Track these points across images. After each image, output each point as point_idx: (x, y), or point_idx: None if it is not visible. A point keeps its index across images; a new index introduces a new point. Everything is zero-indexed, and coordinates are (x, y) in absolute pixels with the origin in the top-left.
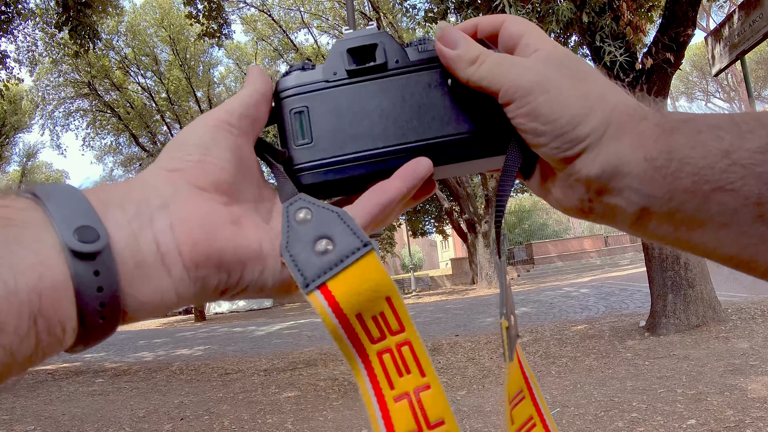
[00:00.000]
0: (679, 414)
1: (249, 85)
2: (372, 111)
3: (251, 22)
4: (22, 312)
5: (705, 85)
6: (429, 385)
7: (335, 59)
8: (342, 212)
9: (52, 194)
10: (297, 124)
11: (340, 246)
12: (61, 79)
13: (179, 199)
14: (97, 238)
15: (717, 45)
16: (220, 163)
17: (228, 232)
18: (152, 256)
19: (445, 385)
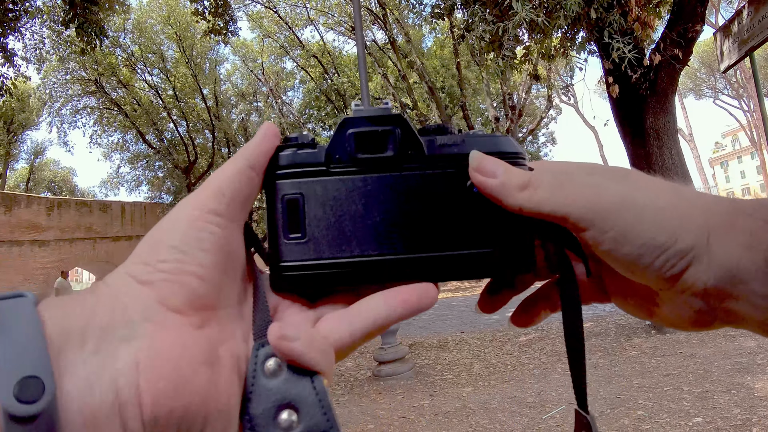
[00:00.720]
0: (685, 412)
1: (244, 159)
2: (376, 211)
3: (257, 19)
4: None
5: (713, 82)
6: None
7: (339, 142)
8: (316, 377)
9: (6, 326)
10: (289, 214)
11: (305, 424)
12: (68, 77)
13: (149, 328)
14: (41, 394)
15: (726, 41)
16: (199, 271)
17: (200, 380)
18: (107, 407)
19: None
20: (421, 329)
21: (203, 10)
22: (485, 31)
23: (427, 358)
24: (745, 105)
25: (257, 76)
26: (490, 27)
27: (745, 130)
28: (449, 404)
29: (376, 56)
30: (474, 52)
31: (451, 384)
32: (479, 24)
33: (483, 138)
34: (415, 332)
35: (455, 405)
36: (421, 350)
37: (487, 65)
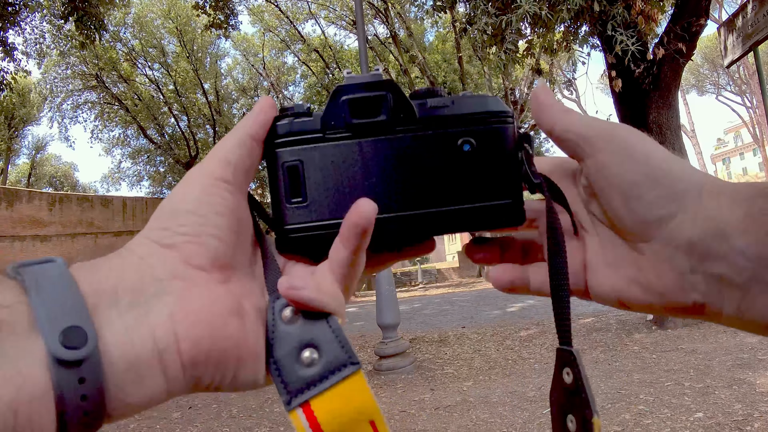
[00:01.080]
0: (686, 407)
1: (245, 130)
2: (372, 172)
3: (258, 13)
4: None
5: (716, 78)
6: None
7: (334, 109)
8: (330, 318)
9: (41, 284)
10: (290, 180)
11: (326, 358)
12: (69, 72)
13: (177, 284)
14: (85, 341)
15: (730, 35)
16: (218, 233)
17: (231, 328)
18: (147, 354)
19: (451, 376)
20: (422, 324)
21: (204, 3)
22: (487, 24)
23: (427, 353)
24: (748, 101)
25: (258, 71)
26: (492, 20)
27: (747, 127)
28: (450, 398)
29: (378, 51)
30: (476, 46)
31: (451, 378)
32: (482, 17)
33: (472, 99)
34: (416, 327)
35: (456, 399)
36: (422, 345)
37: (489, 59)
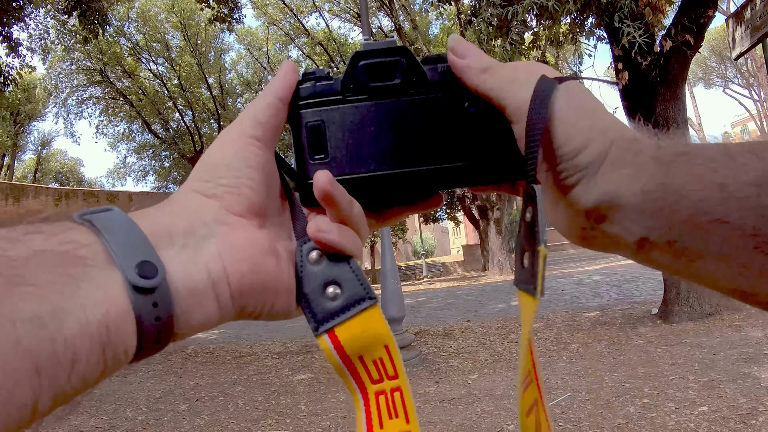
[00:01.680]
0: (691, 401)
1: (273, 92)
2: (387, 131)
3: (262, 6)
4: (93, 344)
5: (723, 71)
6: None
7: (352, 73)
8: (351, 260)
9: (110, 226)
10: (313, 138)
11: (347, 294)
12: (74, 67)
13: (222, 228)
14: (156, 272)
15: (738, 27)
16: (252, 185)
17: (269, 265)
18: (203, 283)
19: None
20: (427, 317)
21: None
22: (493, 16)
23: (432, 346)
24: (756, 94)
25: (263, 65)
26: (498, 11)
27: (755, 120)
28: (455, 391)
29: None
30: (481, 38)
31: (456, 371)
32: (487, 8)
33: None
34: (420, 320)
35: (461, 392)
36: (427, 338)
37: (494, 51)
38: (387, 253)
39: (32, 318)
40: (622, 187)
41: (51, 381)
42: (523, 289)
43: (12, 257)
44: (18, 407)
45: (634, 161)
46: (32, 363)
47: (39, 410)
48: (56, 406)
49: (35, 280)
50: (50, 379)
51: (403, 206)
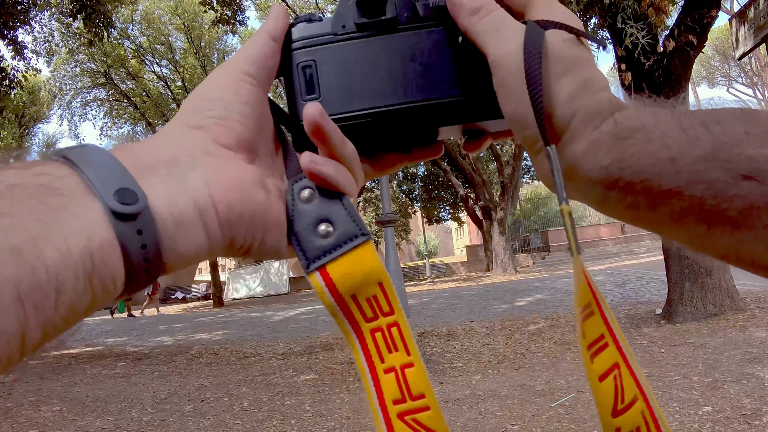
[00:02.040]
0: (695, 401)
1: (265, 31)
2: (380, 67)
3: (265, 8)
4: (78, 272)
5: (727, 70)
6: (413, 363)
7: (344, 11)
8: (344, 197)
9: (86, 159)
10: (304, 78)
11: (339, 231)
12: (78, 69)
13: (208, 158)
14: (136, 199)
15: (741, 27)
16: (242, 119)
17: (258, 197)
18: (190, 211)
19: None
20: (430, 318)
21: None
22: None
23: (436, 347)
24: (760, 93)
25: None
26: None
27: None
28: (459, 392)
29: None
30: None
31: (460, 372)
32: None
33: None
34: (424, 321)
35: (465, 392)
36: (431, 339)
37: None
38: (391, 254)
39: (9, 247)
40: (579, 159)
41: (37, 310)
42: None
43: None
44: (4, 336)
45: (591, 136)
46: (14, 291)
47: (29, 341)
48: (47, 337)
49: (11, 212)
50: (36, 308)
51: (401, 153)
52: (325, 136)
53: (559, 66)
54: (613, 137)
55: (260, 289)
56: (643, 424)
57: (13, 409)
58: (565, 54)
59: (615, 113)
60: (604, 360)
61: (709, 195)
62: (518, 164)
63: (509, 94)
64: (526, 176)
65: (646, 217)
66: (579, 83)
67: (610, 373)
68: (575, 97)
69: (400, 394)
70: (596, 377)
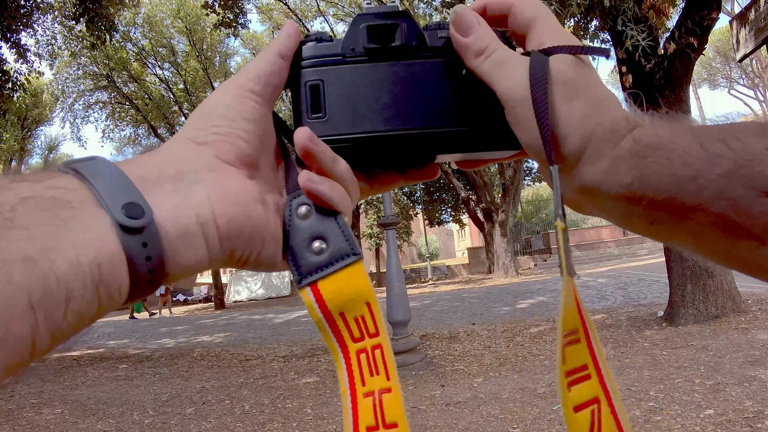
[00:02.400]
0: (696, 404)
1: (275, 49)
2: (385, 93)
3: (267, 11)
4: (86, 282)
5: (728, 72)
6: (391, 389)
7: (354, 35)
8: (339, 216)
9: (95, 172)
10: (311, 97)
11: (332, 249)
12: (80, 72)
13: (211, 174)
14: (143, 213)
15: (742, 29)
16: (246, 136)
17: (258, 212)
18: (193, 226)
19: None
20: (432, 320)
21: (213, 2)
22: None
23: (438, 349)
24: (761, 95)
25: None
26: None
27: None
28: (460, 394)
29: None
30: None
31: (462, 374)
32: None
33: None
34: (426, 323)
35: (466, 395)
36: (433, 341)
37: None
38: (392, 256)
39: (23, 258)
40: (600, 178)
41: (47, 317)
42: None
43: (0, 202)
44: (17, 342)
45: (611, 154)
46: (26, 299)
47: (38, 346)
48: (55, 343)
49: (24, 223)
50: (46, 315)
51: (397, 173)
52: (314, 158)
53: (567, 88)
54: (633, 155)
55: (261, 292)
56: None
57: (15, 411)
58: (572, 76)
59: (633, 130)
60: (583, 392)
61: (732, 212)
62: (519, 166)
63: (521, 124)
64: (528, 178)
65: (669, 233)
66: (591, 103)
67: (588, 406)
68: (589, 117)
69: (374, 420)
70: (571, 407)
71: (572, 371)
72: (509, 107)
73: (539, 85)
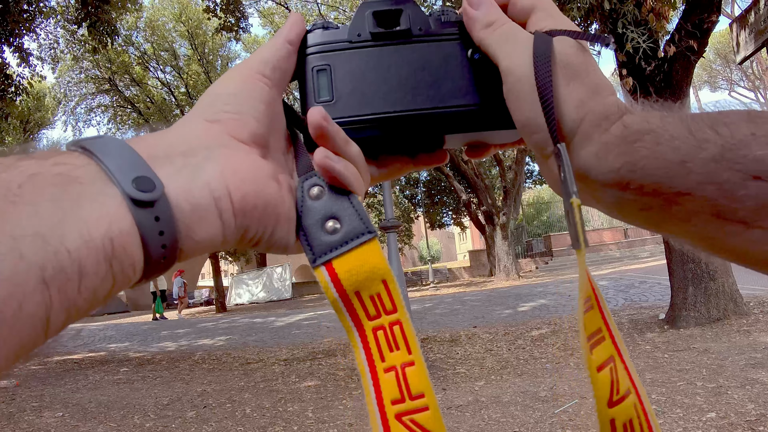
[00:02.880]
0: (698, 407)
1: (282, 35)
2: (392, 75)
3: (268, 15)
4: (99, 257)
5: (729, 74)
6: (413, 362)
7: (360, 21)
8: (352, 195)
9: (103, 148)
10: (318, 81)
11: (346, 228)
12: (83, 76)
13: (224, 151)
14: (153, 187)
15: (742, 31)
16: (256, 115)
17: (271, 189)
18: (206, 199)
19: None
20: (433, 324)
21: (215, 7)
22: None
23: (439, 353)
24: (762, 97)
25: None
26: None
27: None
28: (462, 398)
29: None
30: None
31: (463, 378)
32: None
33: None
34: (427, 327)
35: (468, 399)
36: (434, 344)
37: None
38: (393, 259)
39: (33, 233)
40: (590, 163)
41: (61, 293)
42: (574, 246)
43: (6, 179)
44: (31, 319)
45: (601, 139)
46: (39, 275)
47: (53, 324)
48: (70, 320)
49: (32, 199)
50: (60, 292)
51: (407, 159)
52: (328, 138)
53: (567, 71)
54: (622, 140)
55: (263, 295)
56: (635, 416)
57: (16, 414)
58: (573, 60)
59: (623, 116)
60: (602, 352)
61: (719, 195)
62: (520, 169)
63: (520, 100)
64: (528, 181)
65: (659, 219)
66: (589, 88)
67: (607, 365)
68: (584, 102)
69: (399, 394)
70: (595, 367)
71: (591, 335)
72: (509, 82)
73: (543, 63)
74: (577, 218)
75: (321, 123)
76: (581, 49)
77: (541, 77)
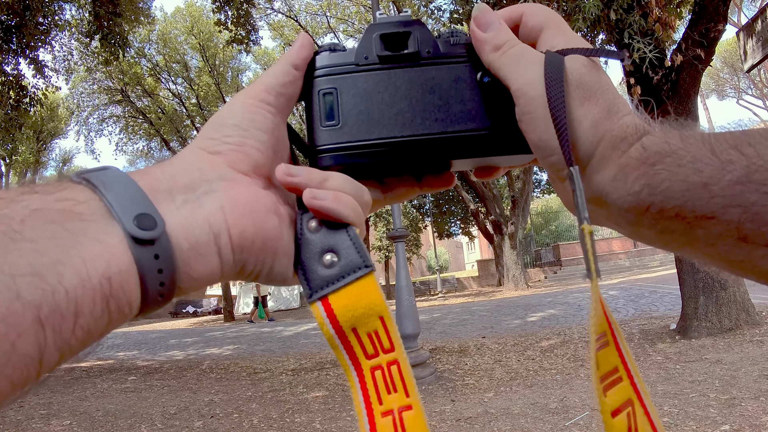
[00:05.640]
0: (712, 419)
1: (287, 60)
2: (399, 99)
3: (278, 28)
4: (96, 297)
5: (736, 82)
6: (411, 406)
7: (367, 43)
8: (350, 228)
9: (107, 183)
10: (325, 105)
11: (344, 262)
12: (96, 87)
13: (224, 184)
14: (155, 224)
15: (749, 40)
16: (258, 145)
17: (271, 223)
18: (205, 236)
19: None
20: (441, 334)
21: (226, 20)
22: None
23: (448, 363)
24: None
25: None
26: None
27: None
28: (471, 410)
29: None
30: None
31: (472, 389)
32: None
33: None
34: (436, 337)
35: (477, 410)
36: (442, 355)
37: None
38: (402, 269)
39: (31, 272)
40: (608, 187)
41: (55, 333)
42: (586, 275)
43: (8, 215)
44: (23, 359)
45: (619, 162)
46: (34, 315)
47: (46, 363)
48: (63, 359)
49: (33, 236)
50: (54, 331)
51: (413, 182)
52: (300, 189)
53: (580, 91)
54: (642, 163)
55: (271, 304)
56: None
57: (24, 422)
58: (586, 79)
59: (642, 138)
60: (618, 395)
61: (746, 219)
62: (529, 178)
63: (533, 121)
64: (537, 190)
65: (680, 242)
66: (604, 108)
67: (624, 409)
68: (600, 123)
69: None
70: (609, 413)
71: (606, 375)
72: (522, 104)
73: (555, 83)
74: (589, 246)
75: (285, 180)
76: (594, 66)
77: (553, 98)
